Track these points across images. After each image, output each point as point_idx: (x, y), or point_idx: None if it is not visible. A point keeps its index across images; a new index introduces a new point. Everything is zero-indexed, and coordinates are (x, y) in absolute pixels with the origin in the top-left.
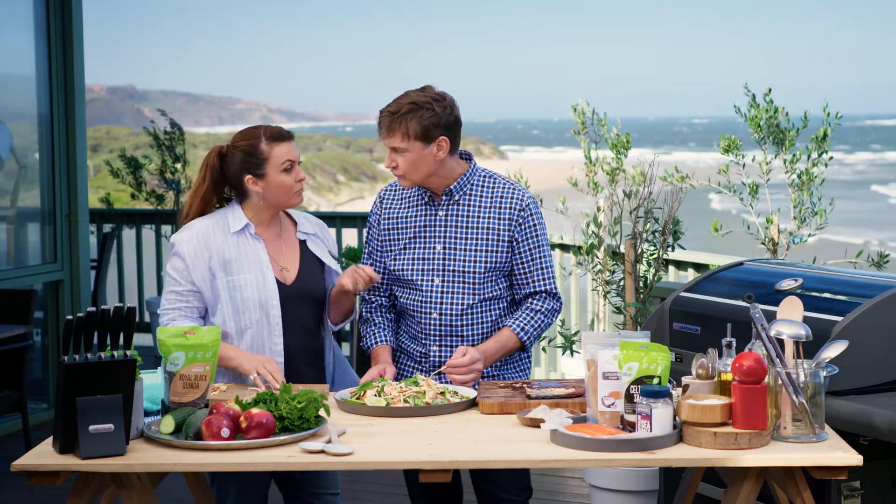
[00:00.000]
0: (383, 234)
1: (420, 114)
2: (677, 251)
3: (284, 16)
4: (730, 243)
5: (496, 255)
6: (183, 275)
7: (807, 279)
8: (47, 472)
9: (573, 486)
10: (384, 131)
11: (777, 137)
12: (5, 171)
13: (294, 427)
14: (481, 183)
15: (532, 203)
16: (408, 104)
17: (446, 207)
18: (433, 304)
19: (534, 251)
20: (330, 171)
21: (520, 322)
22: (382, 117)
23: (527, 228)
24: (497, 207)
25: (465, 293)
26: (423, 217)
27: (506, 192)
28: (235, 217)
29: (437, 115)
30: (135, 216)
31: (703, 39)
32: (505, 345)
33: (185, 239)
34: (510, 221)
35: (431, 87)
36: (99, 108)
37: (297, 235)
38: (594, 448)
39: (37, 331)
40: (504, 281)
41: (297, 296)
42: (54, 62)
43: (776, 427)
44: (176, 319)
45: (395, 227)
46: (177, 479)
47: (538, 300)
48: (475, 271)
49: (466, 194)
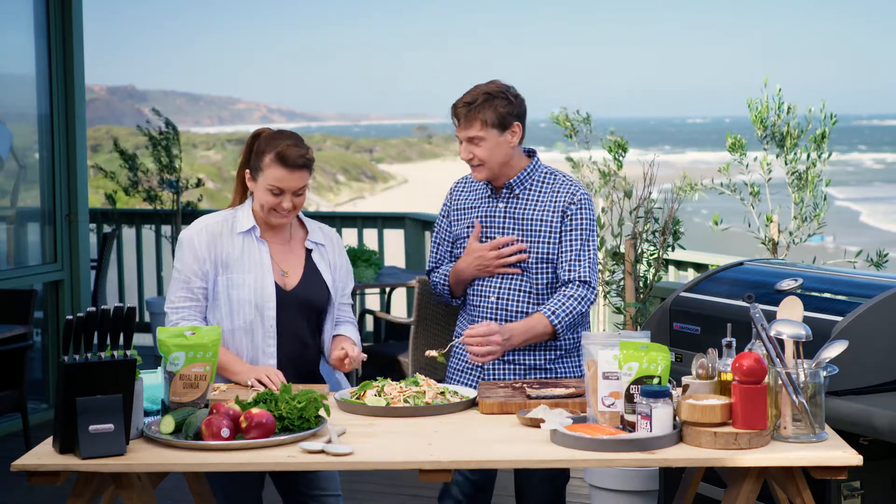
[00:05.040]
0: (452, 225)
1: (495, 103)
2: (677, 251)
3: (284, 16)
4: (730, 243)
5: (548, 245)
6: (192, 270)
7: (807, 279)
8: (47, 472)
9: (573, 486)
10: (462, 122)
11: (779, 138)
12: (5, 171)
13: (294, 427)
14: (542, 179)
15: (585, 197)
16: (483, 94)
17: (506, 200)
18: (492, 289)
19: (575, 242)
20: (330, 171)
21: (551, 306)
22: (458, 109)
23: (574, 220)
24: (552, 201)
25: (522, 280)
26: (485, 207)
27: (562, 187)
28: (244, 217)
29: (511, 104)
30: (135, 216)
31: (702, 40)
32: (534, 326)
33: (195, 234)
34: (562, 214)
35: (495, 80)
36: (99, 108)
37: (306, 244)
38: (594, 448)
39: (37, 331)
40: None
41: (294, 302)
42: (54, 62)
43: (776, 427)
44: (185, 319)
45: (461, 218)
46: (177, 479)
47: (571, 287)
48: (528, 262)
49: (526, 189)
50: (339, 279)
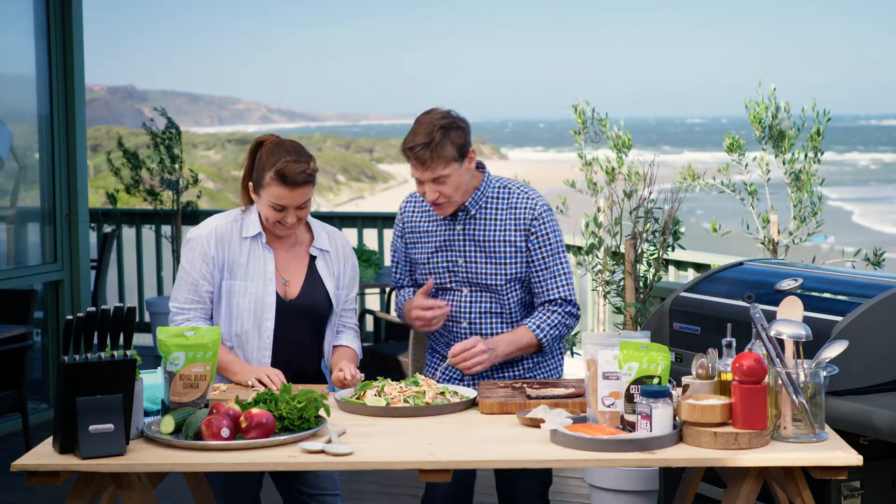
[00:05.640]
0: (409, 247)
1: (451, 135)
2: (677, 251)
3: (284, 16)
4: (730, 244)
5: (515, 266)
6: (200, 273)
7: (807, 279)
8: (47, 472)
9: (573, 486)
10: (423, 166)
11: (777, 138)
12: (5, 171)
13: (294, 427)
14: (496, 195)
15: (545, 211)
16: (438, 129)
17: (463, 222)
18: (462, 314)
19: (547, 259)
20: (330, 171)
21: (535, 320)
22: (417, 152)
23: (540, 237)
24: (512, 219)
25: (493, 302)
26: (443, 231)
27: (519, 202)
28: (251, 222)
29: (463, 130)
30: (135, 216)
31: (702, 40)
32: (519, 339)
33: (203, 234)
34: (525, 232)
35: (435, 108)
36: (99, 108)
37: (310, 250)
38: (594, 448)
39: (37, 331)
40: (528, 288)
41: (295, 312)
42: (54, 62)
43: (776, 427)
44: (190, 321)
45: (418, 241)
46: (177, 479)
47: (555, 305)
48: (497, 283)
49: (482, 208)
50: (343, 287)
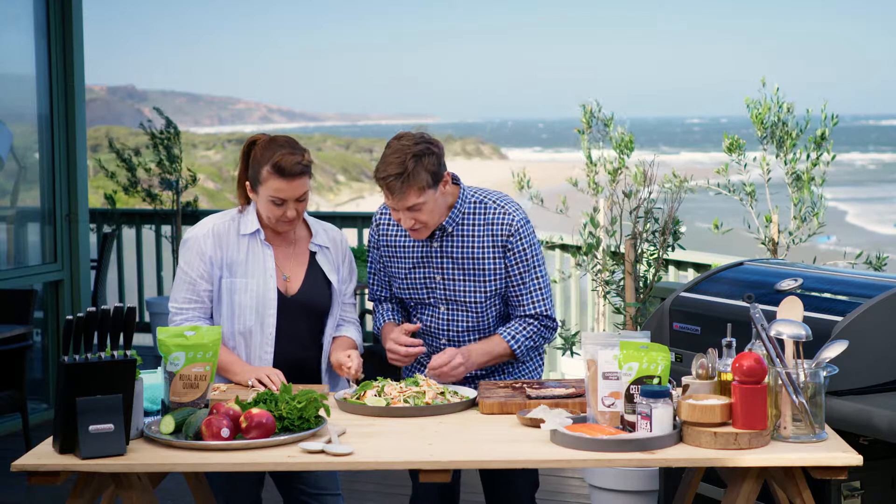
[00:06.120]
0: (385, 261)
1: (424, 162)
2: (677, 251)
3: (285, 16)
4: (730, 244)
5: (494, 283)
6: (198, 272)
7: (807, 279)
8: (47, 472)
9: (573, 486)
10: (397, 196)
11: (779, 137)
12: (5, 171)
13: (294, 427)
14: (472, 210)
15: (522, 225)
16: (410, 157)
17: (440, 240)
18: (441, 331)
19: (524, 275)
20: (330, 171)
21: (510, 330)
22: (390, 182)
23: (517, 253)
24: (489, 235)
25: (470, 320)
26: (419, 248)
27: (496, 218)
28: (249, 220)
29: (436, 154)
30: (135, 216)
31: (702, 40)
32: (493, 349)
33: (202, 235)
34: (502, 248)
35: (407, 132)
36: (99, 108)
37: (310, 247)
38: (594, 448)
39: (37, 331)
40: (507, 301)
41: (296, 307)
42: (54, 62)
43: (776, 427)
44: (189, 321)
45: (395, 256)
46: (177, 479)
47: (531, 319)
48: (476, 301)
49: (459, 225)
50: (342, 281)
